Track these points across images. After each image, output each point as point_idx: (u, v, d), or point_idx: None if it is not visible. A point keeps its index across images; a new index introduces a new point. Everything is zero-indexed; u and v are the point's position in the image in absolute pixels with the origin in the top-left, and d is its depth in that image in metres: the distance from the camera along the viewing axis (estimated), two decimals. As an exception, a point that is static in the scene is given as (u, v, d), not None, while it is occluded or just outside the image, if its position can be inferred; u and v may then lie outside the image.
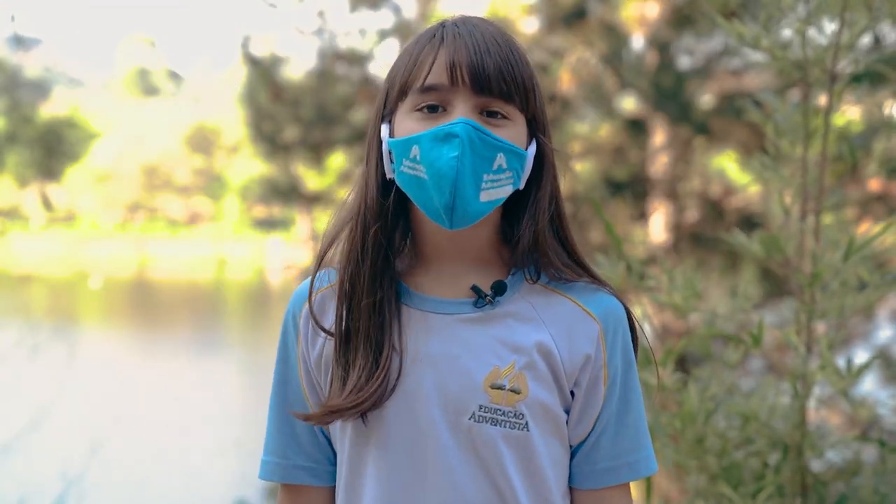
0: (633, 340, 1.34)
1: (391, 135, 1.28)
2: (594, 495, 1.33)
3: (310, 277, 1.34)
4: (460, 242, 1.29)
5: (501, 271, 1.32)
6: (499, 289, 1.29)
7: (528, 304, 1.30)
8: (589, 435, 1.31)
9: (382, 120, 1.30)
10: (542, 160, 1.30)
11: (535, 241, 1.29)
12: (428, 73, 1.24)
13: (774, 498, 2.13)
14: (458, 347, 1.26)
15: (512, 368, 1.25)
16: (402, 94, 1.26)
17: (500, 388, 1.25)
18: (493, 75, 1.23)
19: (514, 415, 1.24)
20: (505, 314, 1.29)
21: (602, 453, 1.31)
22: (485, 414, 1.24)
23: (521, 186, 1.28)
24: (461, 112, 1.22)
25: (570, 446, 1.33)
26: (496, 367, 1.25)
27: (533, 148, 1.28)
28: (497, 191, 1.24)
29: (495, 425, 1.24)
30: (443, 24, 1.29)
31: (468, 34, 1.25)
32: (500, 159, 1.23)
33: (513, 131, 1.25)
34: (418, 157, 1.22)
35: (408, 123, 1.25)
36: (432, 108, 1.24)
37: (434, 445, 1.25)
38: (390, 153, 1.27)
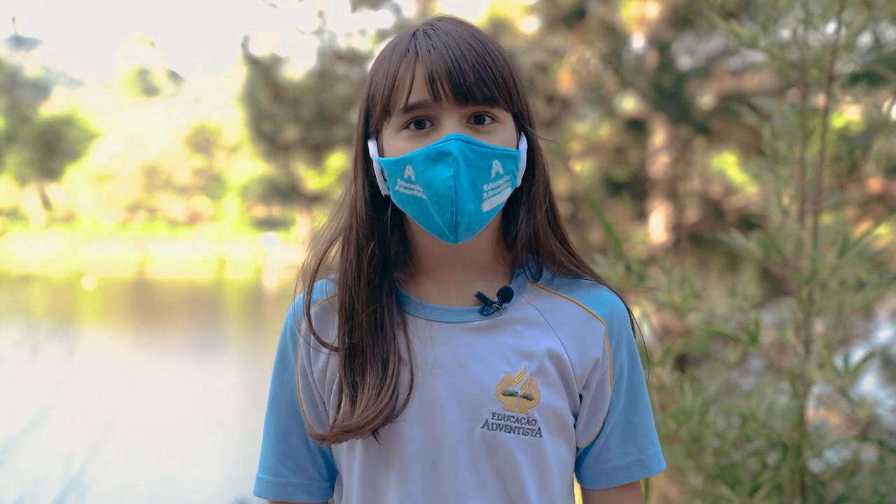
0: (634, 336, 1.34)
1: (380, 153, 1.26)
2: (607, 494, 1.33)
3: (304, 291, 1.32)
4: (461, 251, 1.28)
5: (503, 274, 1.31)
6: (506, 295, 1.28)
7: (534, 308, 1.29)
8: (598, 435, 1.31)
9: (368, 137, 1.28)
10: (532, 153, 1.28)
11: (535, 234, 1.29)
12: (409, 92, 1.21)
13: (773, 498, 2.13)
14: (466, 356, 1.25)
15: (523, 375, 1.25)
16: (386, 113, 1.24)
17: (513, 394, 1.24)
18: (473, 83, 1.20)
19: (528, 421, 1.24)
20: (512, 320, 1.28)
21: (613, 452, 1.31)
22: (498, 421, 1.23)
23: (519, 184, 1.27)
24: (449, 127, 1.20)
25: (579, 448, 1.32)
26: (507, 374, 1.24)
27: (524, 144, 1.27)
28: (498, 197, 1.22)
29: (509, 432, 1.23)
30: (414, 35, 1.25)
31: (442, 44, 1.22)
32: (497, 166, 1.21)
33: (503, 133, 1.23)
34: (413, 178, 1.20)
35: (397, 143, 1.23)
36: (419, 124, 1.21)
37: (450, 455, 1.24)
38: (383, 171, 1.25)
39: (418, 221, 1.24)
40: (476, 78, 1.20)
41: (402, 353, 1.25)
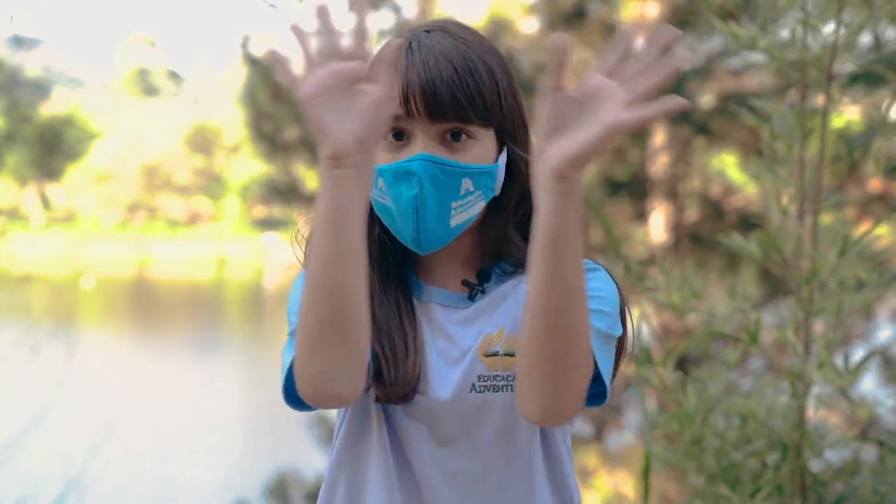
0: (622, 306, 1.30)
1: None
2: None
3: None
4: (445, 249, 1.30)
5: (484, 264, 1.34)
6: (486, 276, 1.31)
7: (507, 286, 1.31)
8: None
9: None
10: (512, 166, 1.30)
11: (497, 245, 1.31)
12: None
13: (773, 498, 2.13)
14: (448, 330, 1.29)
15: (501, 333, 1.28)
16: None
17: (495, 354, 1.27)
18: (447, 101, 1.21)
19: (513, 378, 1.25)
20: (493, 296, 1.31)
21: None
22: (485, 383, 1.26)
23: (497, 193, 1.29)
24: (420, 144, 1.22)
25: None
26: (487, 335, 1.27)
27: (503, 157, 1.28)
28: (468, 212, 1.26)
29: (497, 392, 1.26)
30: (402, 45, 1.26)
31: (421, 60, 1.23)
32: (467, 183, 1.24)
33: (478, 150, 1.25)
34: (384, 190, 1.24)
35: (377, 151, 1.25)
36: (398, 136, 1.24)
37: (447, 424, 1.27)
38: None
39: (390, 229, 1.28)
40: (449, 97, 1.22)
41: (406, 332, 1.28)
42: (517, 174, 1.31)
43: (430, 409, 1.27)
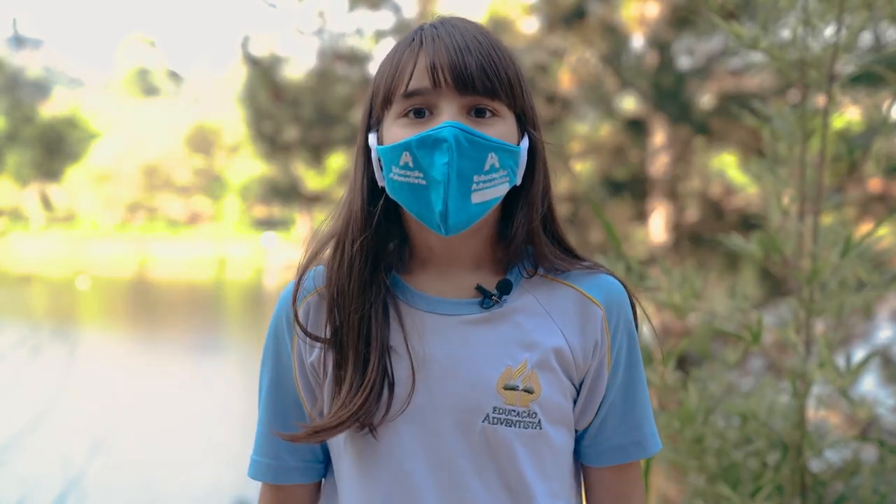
0: (634, 316, 1.33)
1: (380, 143, 1.26)
2: (604, 473, 1.34)
3: (294, 281, 1.31)
4: (457, 247, 1.28)
5: (498, 269, 1.31)
6: (505, 288, 1.27)
7: (533, 297, 1.29)
8: (594, 418, 1.31)
9: (370, 129, 1.28)
10: (533, 155, 1.28)
11: (530, 239, 1.28)
12: (410, 79, 1.21)
13: (773, 498, 2.13)
14: (466, 349, 1.25)
15: (524, 368, 1.24)
16: (387, 101, 1.24)
17: (514, 388, 1.23)
18: (475, 73, 1.20)
19: (528, 414, 1.24)
20: (511, 311, 1.27)
21: (610, 433, 1.32)
22: (499, 416, 1.23)
23: (518, 182, 1.26)
24: (447, 115, 1.19)
25: (576, 430, 1.32)
26: (508, 368, 1.24)
27: (525, 143, 1.26)
28: (490, 191, 1.21)
29: (510, 426, 1.23)
30: (421, 28, 1.26)
31: (447, 35, 1.22)
32: (492, 158, 1.20)
33: (503, 128, 1.23)
34: (411, 164, 1.19)
35: (395, 130, 1.22)
36: (419, 113, 1.21)
37: (449, 449, 1.23)
38: (380, 161, 1.25)
39: (410, 210, 1.23)
40: (478, 69, 1.20)
41: (397, 348, 1.24)
42: (541, 163, 1.29)
43: (431, 433, 1.24)
